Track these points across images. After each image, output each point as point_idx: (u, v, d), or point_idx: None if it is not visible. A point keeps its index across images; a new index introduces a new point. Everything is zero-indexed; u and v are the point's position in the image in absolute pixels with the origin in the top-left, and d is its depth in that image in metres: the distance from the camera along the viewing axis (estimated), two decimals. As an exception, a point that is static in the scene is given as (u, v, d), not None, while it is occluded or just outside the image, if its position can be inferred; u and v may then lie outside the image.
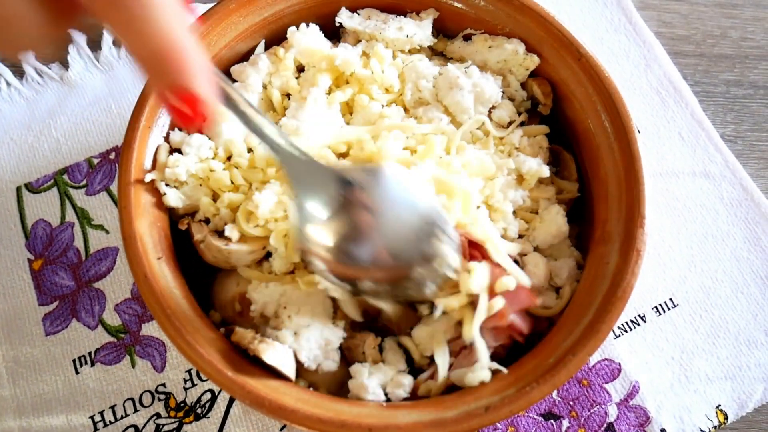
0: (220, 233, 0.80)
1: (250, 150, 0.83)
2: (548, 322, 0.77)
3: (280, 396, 0.67)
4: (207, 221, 0.81)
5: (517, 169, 0.82)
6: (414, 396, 0.73)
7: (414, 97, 0.85)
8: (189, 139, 0.81)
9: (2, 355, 0.92)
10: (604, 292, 0.71)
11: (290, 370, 0.71)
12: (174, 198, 0.79)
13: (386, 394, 0.72)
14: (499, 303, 0.71)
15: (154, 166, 0.80)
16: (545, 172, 0.82)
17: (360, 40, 0.90)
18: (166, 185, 0.80)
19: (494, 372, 0.71)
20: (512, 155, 0.84)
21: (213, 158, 0.82)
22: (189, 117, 0.56)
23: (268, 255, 0.80)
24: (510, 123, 0.87)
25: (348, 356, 0.77)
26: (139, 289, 0.71)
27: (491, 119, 0.86)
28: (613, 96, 0.80)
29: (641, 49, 1.13)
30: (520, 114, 0.88)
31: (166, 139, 0.83)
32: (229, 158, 0.83)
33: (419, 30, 0.88)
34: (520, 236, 0.81)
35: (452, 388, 0.73)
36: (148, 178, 0.79)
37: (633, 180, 0.75)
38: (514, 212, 0.81)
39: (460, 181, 0.76)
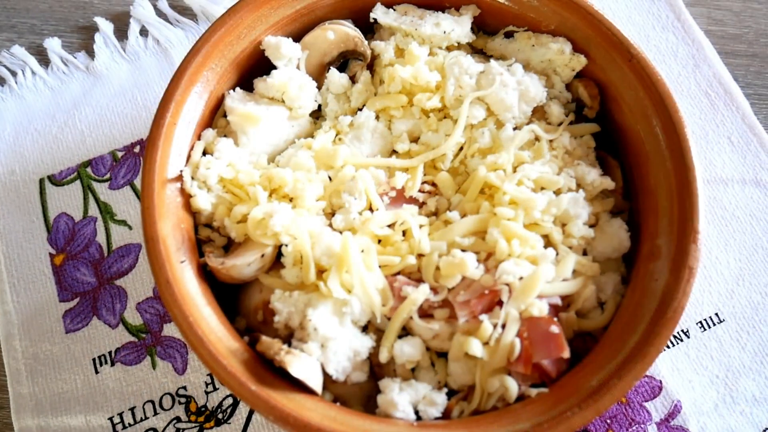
0: (226, 248, 0.78)
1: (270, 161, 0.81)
2: (592, 340, 0.73)
3: (305, 412, 0.64)
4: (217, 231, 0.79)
5: (577, 179, 0.78)
6: (446, 416, 0.69)
7: (455, 93, 0.80)
8: (219, 140, 0.79)
9: (22, 351, 0.90)
10: (653, 312, 0.67)
11: (317, 384, 0.68)
12: (203, 200, 0.76)
13: (416, 413, 0.69)
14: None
15: (186, 163, 0.77)
16: (609, 184, 0.78)
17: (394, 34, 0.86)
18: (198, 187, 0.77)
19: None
20: (566, 161, 0.80)
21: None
22: None
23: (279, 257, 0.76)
24: (559, 124, 0.82)
25: (378, 372, 0.74)
26: (160, 294, 0.68)
27: (532, 121, 0.81)
28: (666, 101, 0.75)
29: (690, 48, 1.07)
30: (567, 116, 0.84)
31: (198, 137, 0.80)
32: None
33: (457, 26, 0.84)
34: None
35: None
36: (186, 174, 0.76)
37: (686, 192, 0.70)
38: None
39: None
